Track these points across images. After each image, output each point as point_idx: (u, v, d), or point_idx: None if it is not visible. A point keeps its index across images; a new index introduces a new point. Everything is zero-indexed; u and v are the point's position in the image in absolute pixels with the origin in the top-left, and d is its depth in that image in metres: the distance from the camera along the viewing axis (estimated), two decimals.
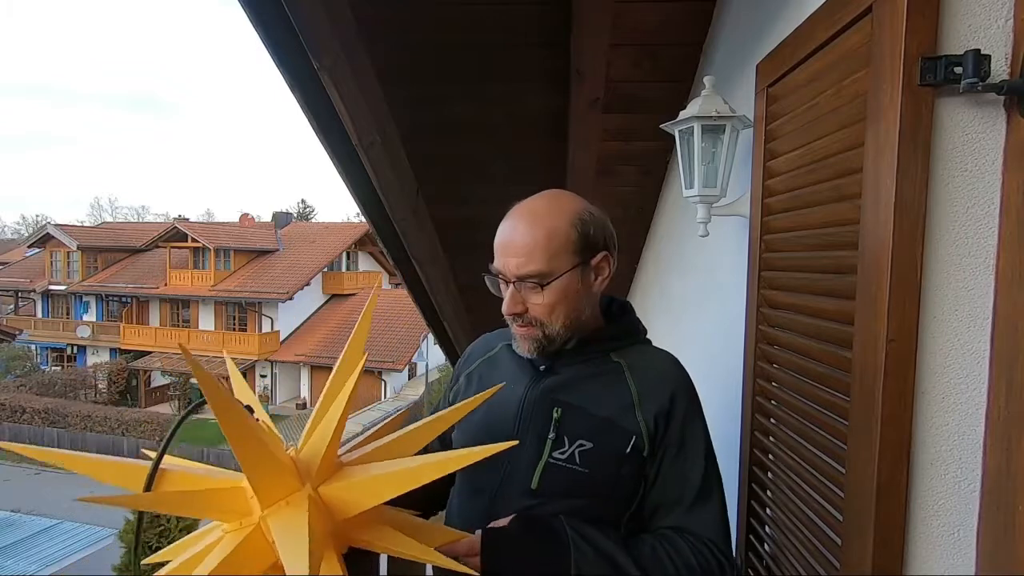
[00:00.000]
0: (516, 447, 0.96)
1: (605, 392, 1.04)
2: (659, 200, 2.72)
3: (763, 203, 1.24)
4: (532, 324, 1.03)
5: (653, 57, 1.99)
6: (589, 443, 1.01)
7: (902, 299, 0.78)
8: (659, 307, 2.67)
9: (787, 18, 1.19)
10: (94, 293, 22.71)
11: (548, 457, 1.01)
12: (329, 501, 0.79)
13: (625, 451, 1.01)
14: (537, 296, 1.02)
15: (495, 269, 1.05)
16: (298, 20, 1.54)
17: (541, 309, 1.02)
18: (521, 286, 1.02)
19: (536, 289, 1.01)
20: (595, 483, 1.00)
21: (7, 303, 25.46)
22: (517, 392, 1.08)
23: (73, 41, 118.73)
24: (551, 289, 1.01)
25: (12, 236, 53.21)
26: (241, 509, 0.77)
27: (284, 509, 0.75)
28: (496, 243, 1.05)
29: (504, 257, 1.02)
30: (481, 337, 1.27)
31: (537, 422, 1.04)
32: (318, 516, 0.76)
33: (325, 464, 0.81)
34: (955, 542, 0.78)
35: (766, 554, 1.19)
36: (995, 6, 0.74)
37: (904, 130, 0.76)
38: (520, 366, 1.12)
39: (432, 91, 2.18)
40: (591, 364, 1.07)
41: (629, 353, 1.09)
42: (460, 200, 2.79)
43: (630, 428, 1.01)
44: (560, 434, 1.02)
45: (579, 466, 1.00)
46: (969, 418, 0.76)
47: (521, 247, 1.01)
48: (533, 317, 1.03)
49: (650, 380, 1.05)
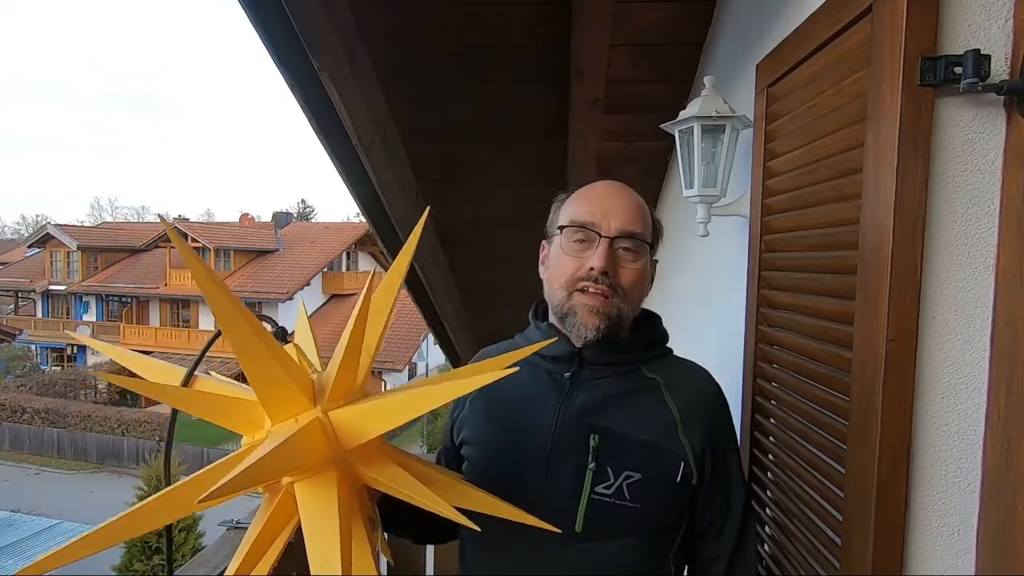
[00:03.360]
0: (549, 480, 0.90)
1: (645, 413, 0.94)
2: (659, 200, 2.72)
3: (763, 203, 1.24)
4: (615, 292, 0.92)
5: (653, 57, 1.99)
6: (637, 474, 0.90)
7: (902, 299, 0.78)
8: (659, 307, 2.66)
9: (787, 18, 1.19)
10: (94, 293, 22.70)
11: (591, 492, 0.89)
12: (338, 425, 0.76)
13: (676, 479, 0.91)
14: (632, 263, 0.94)
15: (584, 222, 0.94)
16: (298, 20, 1.54)
17: (632, 275, 0.94)
18: (618, 247, 0.94)
19: (632, 255, 0.94)
20: (648, 519, 0.90)
21: (7, 303, 25.45)
22: (546, 413, 0.94)
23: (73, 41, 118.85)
24: (644, 259, 0.96)
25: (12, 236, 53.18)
26: (257, 423, 0.78)
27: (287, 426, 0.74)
28: (587, 201, 0.97)
29: (603, 213, 0.94)
30: (480, 352, 1.12)
31: (573, 450, 0.91)
32: (317, 436, 0.74)
33: (338, 386, 0.78)
34: (955, 542, 0.78)
35: (766, 554, 1.19)
36: (995, 6, 0.74)
37: (904, 130, 0.76)
38: (539, 381, 0.98)
39: (432, 91, 2.18)
40: (624, 380, 0.96)
41: (662, 368, 0.99)
42: (460, 200, 2.79)
43: (677, 452, 0.91)
44: (601, 464, 0.90)
45: (629, 501, 0.89)
46: (969, 418, 0.76)
47: (628, 206, 0.96)
48: (620, 284, 0.93)
49: (691, 399, 0.96)
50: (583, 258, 0.93)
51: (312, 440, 0.73)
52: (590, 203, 0.96)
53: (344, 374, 0.79)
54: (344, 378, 0.79)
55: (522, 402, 0.98)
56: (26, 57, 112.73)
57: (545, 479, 0.91)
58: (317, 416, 0.75)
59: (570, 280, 0.94)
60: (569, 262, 0.94)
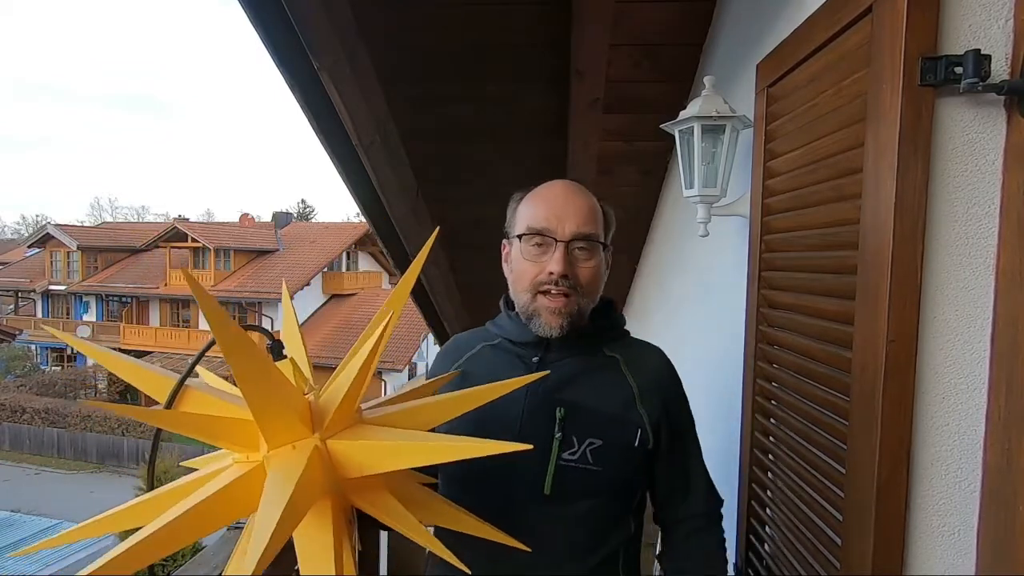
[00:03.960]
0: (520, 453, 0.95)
1: (606, 387, 1.04)
2: (659, 200, 2.72)
3: (763, 203, 1.24)
4: (574, 291, 1.00)
5: (653, 57, 1.99)
6: (599, 440, 1.00)
7: (902, 299, 0.78)
8: (659, 307, 2.67)
9: (787, 18, 1.19)
10: (94, 293, 22.69)
11: (558, 459, 0.99)
12: (336, 456, 0.76)
13: (634, 444, 1.01)
14: (587, 262, 1.02)
15: (540, 228, 1.01)
16: (298, 20, 1.54)
17: (589, 272, 1.02)
18: (574, 248, 1.01)
19: (587, 254, 1.02)
20: (610, 480, 1.00)
21: (7, 303, 25.44)
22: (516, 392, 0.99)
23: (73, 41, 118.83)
24: (598, 257, 1.03)
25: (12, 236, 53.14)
26: (251, 443, 0.77)
27: (287, 455, 0.74)
28: (540, 206, 1.03)
29: (557, 217, 1.00)
30: (451, 340, 1.21)
31: (540, 423, 1.00)
32: (318, 469, 0.74)
33: (339, 415, 0.79)
34: (955, 542, 0.78)
35: (766, 554, 1.19)
36: (995, 6, 0.74)
37: (904, 130, 0.76)
38: (509, 365, 1.07)
39: (432, 91, 2.18)
40: (586, 359, 1.06)
41: (621, 347, 1.09)
42: (460, 200, 2.79)
43: (635, 421, 1.02)
44: (567, 433, 1.00)
45: (592, 465, 0.99)
46: (969, 418, 0.76)
47: (580, 208, 1.02)
48: (579, 283, 1.01)
49: (647, 374, 1.06)
50: (542, 262, 1.01)
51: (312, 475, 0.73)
52: (544, 208, 1.03)
53: (347, 404, 0.80)
54: (346, 408, 0.80)
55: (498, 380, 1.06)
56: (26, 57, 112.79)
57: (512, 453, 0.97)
58: (316, 445, 0.75)
59: (532, 284, 1.02)
60: (529, 267, 1.02)
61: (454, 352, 1.16)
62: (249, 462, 0.76)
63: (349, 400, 0.80)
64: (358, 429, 0.81)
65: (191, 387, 0.81)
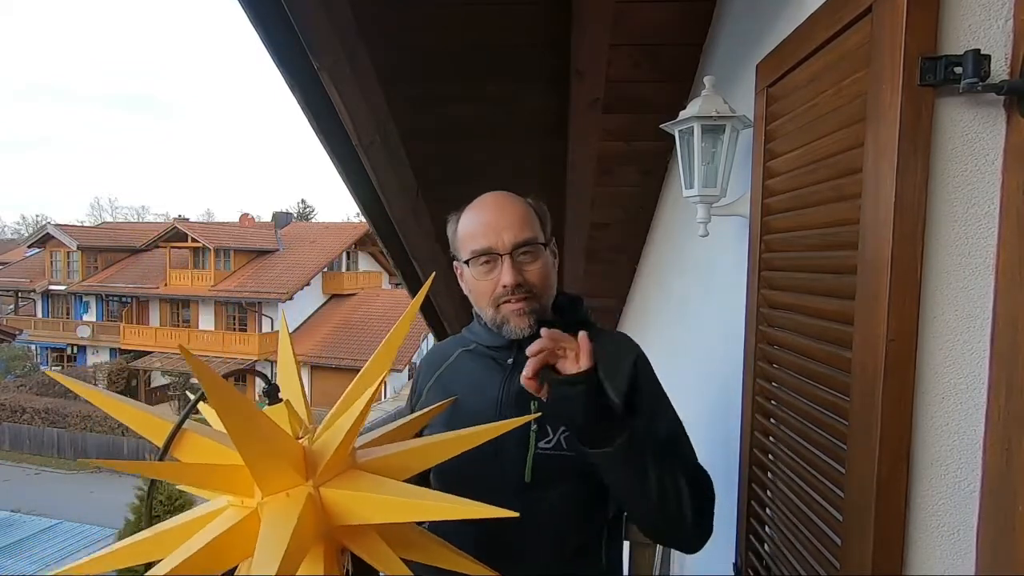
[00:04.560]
0: (501, 446, 1.00)
1: None
2: (659, 200, 2.72)
3: (763, 203, 1.24)
4: (531, 294, 1.07)
5: (653, 57, 1.99)
6: None
7: (902, 299, 0.78)
8: (659, 307, 2.67)
9: (787, 18, 1.19)
10: (94, 293, 22.70)
11: (536, 448, 1.05)
12: (328, 504, 0.78)
13: None
14: (533, 264, 1.08)
15: (482, 249, 1.07)
16: (298, 20, 1.55)
17: (538, 274, 1.08)
18: (517, 255, 1.06)
19: (530, 257, 1.08)
20: (584, 463, 1.01)
21: (7, 303, 25.44)
22: (492, 392, 1.10)
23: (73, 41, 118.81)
24: (543, 256, 1.09)
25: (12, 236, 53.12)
26: (246, 490, 0.78)
27: (281, 503, 0.75)
28: (476, 226, 1.09)
29: (495, 232, 1.07)
30: (431, 348, 1.30)
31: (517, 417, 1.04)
32: (312, 517, 0.76)
33: (333, 462, 0.81)
34: (955, 542, 0.77)
35: (766, 554, 1.19)
36: (995, 6, 0.74)
37: (904, 130, 0.76)
38: (485, 367, 1.14)
39: (432, 91, 2.18)
40: None
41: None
42: (460, 200, 2.79)
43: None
44: (542, 424, 1.05)
45: (567, 451, 1.04)
46: (969, 418, 0.76)
47: (513, 217, 1.08)
48: (532, 285, 1.07)
49: (610, 358, 1.06)
50: (493, 277, 1.08)
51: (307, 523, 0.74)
52: (480, 227, 1.09)
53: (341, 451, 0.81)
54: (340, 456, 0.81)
55: (472, 387, 1.14)
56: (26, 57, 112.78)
57: (497, 444, 1.01)
58: (310, 493, 0.76)
59: (492, 299, 1.09)
60: (484, 285, 1.10)
61: (438, 360, 1.24)
62: (244, 507, 0.77)
63: (343, 448, 0.82)
64: (352, 477, 0.83)
65: (188, 430, 0.82)
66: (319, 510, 0.77)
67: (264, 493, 0.76)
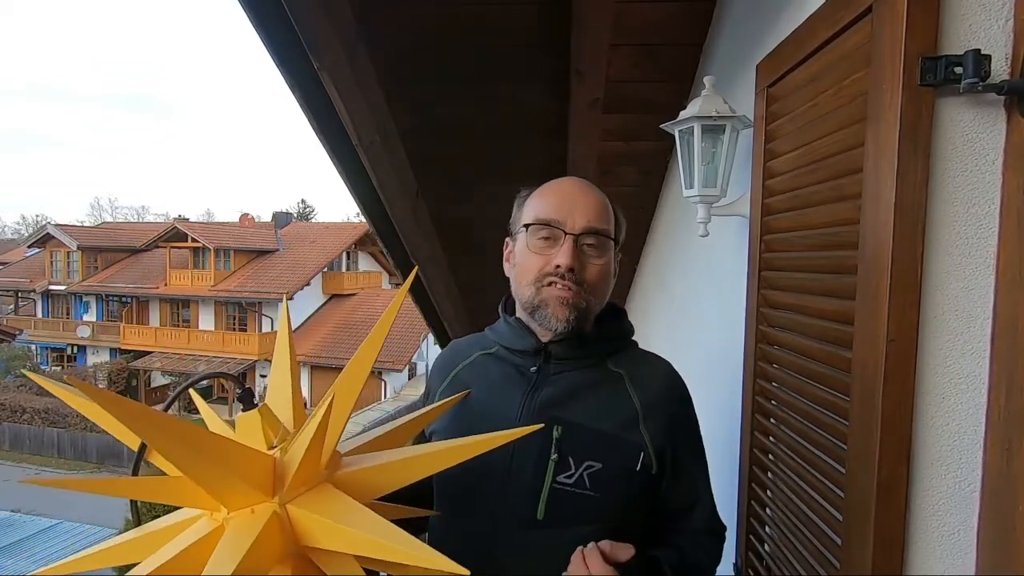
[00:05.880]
0: (514, 471, 0.92)
1: (606, 405, 0.97)
2: (659, 200, 2.72)
3: (763, 203, 1.24)
4: (582, 287, 0.95)
5: (653, 57, 1.99)
6: (598, 463, 0.92)
7: (902, 299, 0.78)
8: (659, 307, 2.67)
9: (787, 18, 1.19)
10: (94, 293, 22.68)
11: (552, 482, 0.92)
12: (296, 522, 0.73)
13: (635, 468, 0.94)
14: (597, 259, 0.97)
15: (549, 219, 0.96)
16: (298, 20, 1.54)
17: (597, 271, 0.97)
18: (583, 243, 0.96)
19: (596, 251, 0.97)
20: (607, 507, 0.92)
21: (7, 303, 25.43)
22: (511, 405, 0.97)
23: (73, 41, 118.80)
24: (608, 256, 0.99)
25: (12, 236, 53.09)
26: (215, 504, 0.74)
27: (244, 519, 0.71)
28: (551, 196, 0.99)
29: (571, 209, 0.96)
30: (448, 346, 1.15)
31: (534, 442, 0.92)
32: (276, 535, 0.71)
33: (300, 477, 0.75)
34: (955, 542, 0.77)
35: (766, 554, 1.19)
36: (995, 6, 0.74)
37: (904, 130, 0.76)
38: (505, 376, 1.01)
39: (432, 91, 2.18)
40: (588, 372, 0.99)
41: (625, 360, 1.02)
42: (460, 200, 2.79)
43: (637, 443, 0.94)
44: (563, 455, 0.92)
45: (589, 490, 0.92)
46: (969, 418, 0.76)
47: (593, 203, 0.98)
48: (586, 280, 0.95)
49: (653, 392, 0.98)
50: (549, 255, 0.96)
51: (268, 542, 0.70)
52: (555, 200, 0.98)
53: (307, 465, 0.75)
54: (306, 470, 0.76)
55: (490, 395, 1.01)
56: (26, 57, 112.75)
57: (509, 468, 0.93)
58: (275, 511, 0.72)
59: (538, 277, 0.96)
60: (535, 259, 0.97)
61: (450, 361, 1.11)
62: (213, 519, 0.74)
63: (309, 462, 0.76)
64: (321, 495, 0.76)
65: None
66: (286, 528, 0.72)
67: (229, 509, 0.73)
